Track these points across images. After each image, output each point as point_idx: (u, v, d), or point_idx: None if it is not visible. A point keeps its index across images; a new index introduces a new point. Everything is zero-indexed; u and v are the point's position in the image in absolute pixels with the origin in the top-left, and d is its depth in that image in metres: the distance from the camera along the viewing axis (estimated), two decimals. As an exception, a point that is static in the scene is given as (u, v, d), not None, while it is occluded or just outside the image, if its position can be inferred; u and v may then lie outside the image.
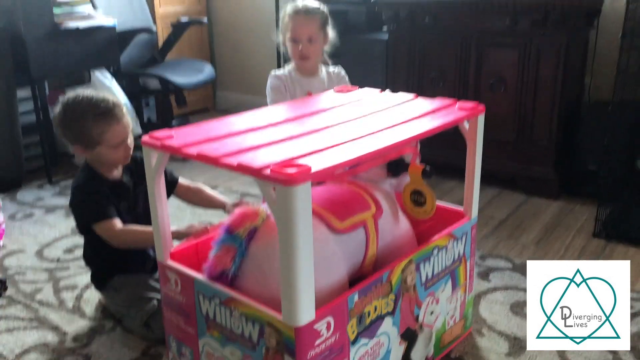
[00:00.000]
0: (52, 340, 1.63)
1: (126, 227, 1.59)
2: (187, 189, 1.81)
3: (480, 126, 1.43)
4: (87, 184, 1.64)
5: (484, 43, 2.57)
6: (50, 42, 2.76)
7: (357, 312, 1.17)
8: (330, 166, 1.06)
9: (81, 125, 1.60)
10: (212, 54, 4.20)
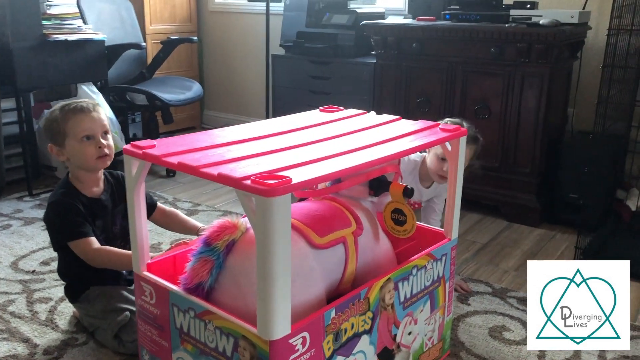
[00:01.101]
0: (22, 352, 1.59)
1: (103, 248, 1.58)
2: (163, 214, 1.81)
3: (462, 148, 1.44)
4: (64, 200, 1.62)
5: (470, 70, 2.61)
6: (38, 54, 2.75)
7: (333, 329, 1.16)
8: (311, 178, 1.06)
9: (52, 119, 1.63)
10: (201, 73, 4.22)
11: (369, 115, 1.60)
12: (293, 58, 3.31)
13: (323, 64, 3.17)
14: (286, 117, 1.53)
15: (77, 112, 1.62)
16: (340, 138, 1.34)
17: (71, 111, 1.62)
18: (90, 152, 1.62)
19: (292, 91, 3.33)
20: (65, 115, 1.62)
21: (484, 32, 2.49)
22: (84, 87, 2.99)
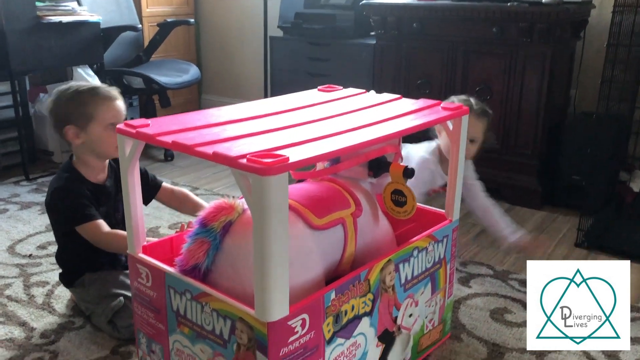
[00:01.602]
0: (19, 335, 1.57)
1: (114, 231, 1.55)
2: (171, 194, 1.78)
3: (464, 127, 1.42)
4: (70, 185, 1.59)
5: (471, 50, 2.56)
6: (32, 36, 2.71)
7: (333, 311, 1.14)
8: (308, 157, 1.03)
9: (77, 100, 1.58)
10: (198, 56, 4.17)
11: (368, 94, 1.56)
12: (291, 40, 3.26)
13: (322, 45, 3.12)
14: (284, 97, 1.50)
15: (108, 99, 1.60)
16: (339, 117, 1.31)
17: (102, 96, 1.59)
18: (112, 140, 1.55)
19: (290, 73, 3.28)
20: (95, 97, 1.58)
21: (485, 11, 2.44)
22: (79, 70, 2.95)
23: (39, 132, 3.10)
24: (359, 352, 1.25)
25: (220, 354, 1.12)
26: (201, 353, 1.16)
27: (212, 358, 1.14)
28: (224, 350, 1.11)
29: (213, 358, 1.14)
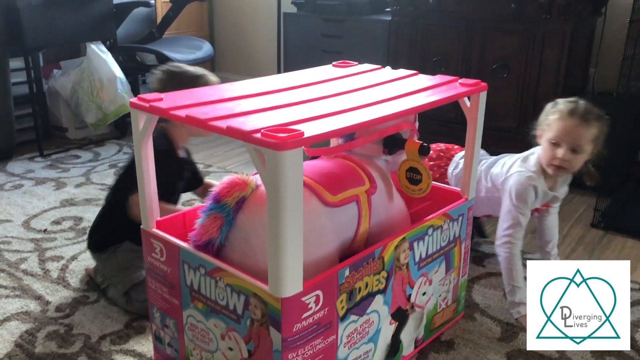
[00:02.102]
0: (34, 309, 1.59)
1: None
2: (205, 189, 1.78)
3: (482, 104, 1.39)
4: (173, 157, 1.63)
5: (489, 27, 2.51)
6: (45, 12, 2.70)
7: (347, 288, 1.13)
8: (323, 132, 1.01)
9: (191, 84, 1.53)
10: (211, 33, 4.15)
11: (384, 70, 1.54)
12: (305, 16, 3.22)
13: (336, 21, 3.08)
14: (298, 72, 1.48)
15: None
16: (354, 93, 1.29)
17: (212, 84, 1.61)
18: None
19: (304, 50, 3.25)
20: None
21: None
22: (92, 46, 2.93)
23: (53, 109, 3.11)
24: (372, 329, 1.24)
25: (234, 329, 1.12)
26: (215, 328, 1.17)
27: (226, 333, 1.14)
28: (237, 325, 1.11)
29: (226, 333, 1.14)
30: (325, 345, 1.12)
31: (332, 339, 1.13)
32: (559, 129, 1.54)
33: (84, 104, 2.96)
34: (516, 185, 1.58)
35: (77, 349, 1.42)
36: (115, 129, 3.19)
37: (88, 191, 2.41)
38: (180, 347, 1.27)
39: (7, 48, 2.66)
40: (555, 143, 1.54)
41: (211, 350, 1.19)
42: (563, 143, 1.53)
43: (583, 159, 1.57)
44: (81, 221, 2.13)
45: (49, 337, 1.47)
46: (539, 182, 1.59)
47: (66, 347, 1.43)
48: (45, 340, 1.46)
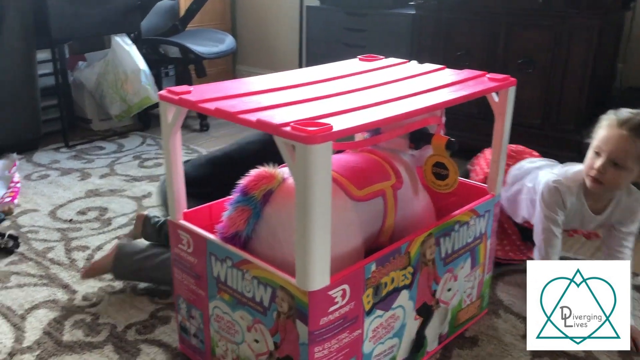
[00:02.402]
0: (62, 297, 1.61)
1: None
2: None
3: (511, 99, 1.37)
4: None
5: (514, 22, 2.48)
6: (72, 4, 2.73)
7: (373, 282, 1.13)
8: (352, 127, 1.01)
9: None
10: (233, 26, 4.15)
11: (410, 64, 1.53)
12: (328, 9, 3.21)
13: (359, 15, 3.06)
14: (324, 66, 1.48)
15: None
16: (381, 87, 1.29)
17: None
18: None
19: (326, 44, 3.24)
20: None
21: (531, -19, 2.35)
22: (117, 38, 2.96)
23: (78, 100, 3.14)
24: (397, 324, 1.24)
25: (260, 321, 1.13)
26: (241, 320, 1.17)
27: (252, 325, 1.15)
28: (263, 317, 1.12)
29: (252, 325, 1.15)
30: (351, 339, 1.12)
31: (357, 333, 1.13)
32: (603, 137, 1.41)
33: (108, 96, 2.99)
34: (542, 190, 1.50)
35: (104, 338, 1.45)
36: (138, 121, 3.22)
37: (112, 182, 2.44)
38: (206, 338, 1.28)
39: (34, 40, 2.69)
40: (597, 152, 1.42)
41: (237, 342, 1.20)
42: (603, 153, 1.40)
43: (625, 178, 1.40)
44: (106, 212, 2.16)
45: (76, 325, 1.49)
46: (568, 191, 1.46)
47: (93, 336, 1.45)
48: (72, 329, 1.48)
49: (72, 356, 1.38)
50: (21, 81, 2.66)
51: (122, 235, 1.86)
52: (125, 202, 2.24)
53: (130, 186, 2.40)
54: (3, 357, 1.38)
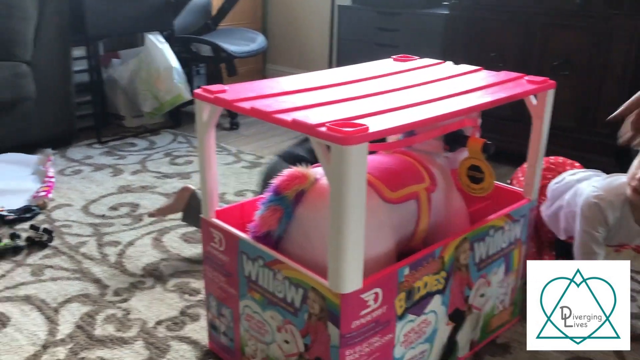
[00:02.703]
0: (94, 292, 1.63)
1: None
2: None
3: (549, 102, 1.34)
4: None
5: (550, 23, 2.44)
6: (108, 2, 2.77)
7: (406, 287, 1.12)
8: (388, 128, 1.00)
9: None
10: (264, 25, 4.16)
11: (446, 65, 1.51)
12: (360, 9, 3.20)
13: (391, 14, 3.04)
14: (358, 66, 1.46)
15: None
16: (417, 87, 1.27)
17: None
18: None
19: (357, 44, 3.23)
20: None
21: (569, -20, 2.31)
22: (150, 36, 2.99)
23: (111, 97, 3.19)
24: (429, 329, 1.22)
25: (291, 322, 1.12)
26: (271, 320, 1.17)
27: (282, 325, 1.15)
28: (294, 318, 1.11)
29: (283, 325, 1.14)
30: (383, 343, 1.10)
31: (389, 337, 1.12)
32: None
33: (140, 93, 3.03)
34: (582, 205, 1.41)
35: (134, 334, 1.46)
36: (170, 118, 3.25)
37: (144, 178, 2.47)
38: (236, 337, 1.28)
39: (70, 37, 2.73)
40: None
41: (267, 342, 1.20)
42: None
43: None
44: (137, 207, 2.18)
45: (108, 320, 1.51)
46: (610, 206, 1.37)
47: (124, 331, 1.47)
48: (104, 323, 1.50)
49: (103, 351, 1.40)
50: (57, 77, 2.71)
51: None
52: (156, 199, 2.26)
53: (161, 183, 2.42)
54: (37, 349, 1.40)
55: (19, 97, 2.53)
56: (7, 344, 1.42)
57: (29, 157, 2.54)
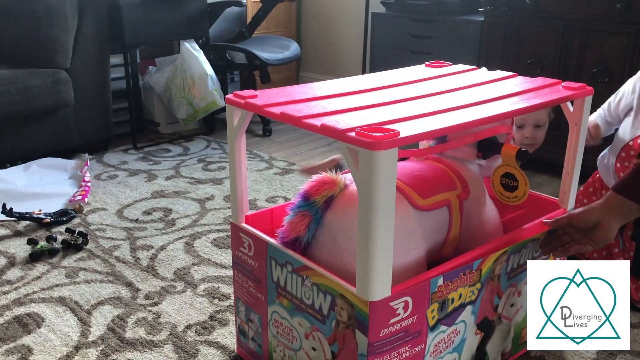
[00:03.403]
0: (126, 295, 1.65)
1: None
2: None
3: (587, 109, 1.31)
4: None
5: (589, 29, 2.38)
6: (144, 10, 2.83)
7: (439, 297, 1.09)
8: (419, 133, 0.98)
9: None
10: (298, 33, 4.19)
11: (480, 71, 1.48)
12: (394, 16, 3.18)
13: (426, 22, 3.02)
14: (390, 72, 1.45)
15: None
16: (449, 93, 1.25)
17: None
18: None
19: (390, 51, 3.21)
20: None
21: (609, -14, 2.25)
22: (186, 44, 3.04)
23: (147, 104, 3.25)
24: (457, 339, 1.20)
25: (319, 329, 1.11)
26: (299, 326, 1.16)
27: (310, 332, 1.14)
28: (322, 325, 1.10)
29: (310, 332, 1.14)
30: (413, 353, 1.08)
31: (420, 348, 1.09)
32: None
33: (175, 100, 3.08)
34: None
35: (164, 337, 1.47)
36: (204, 125, 3.29)
37: (177, 184, 2.50)
38: (264, 343, 1.28)
39: (109, 45, 2.80)
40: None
41: (294, 349, 1.19)
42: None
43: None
44: (170, 212, 2.21)
45: (138, 323, 1.53)
46: None
47: (154, 334, 1.48)
48: (134, 326, 1.51)
49: (133, 353, 1.41)
50: (95, 84, 2.78)
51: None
52: (189, 204, 2.28)
53: (194, 188, 2.45)
54: (69, 350, 1.42)
55: (59, 103, 2.60)
56: (41, 344, 1.44)
57: (67, 162, 2.61)
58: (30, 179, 2.44)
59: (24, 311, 1.58)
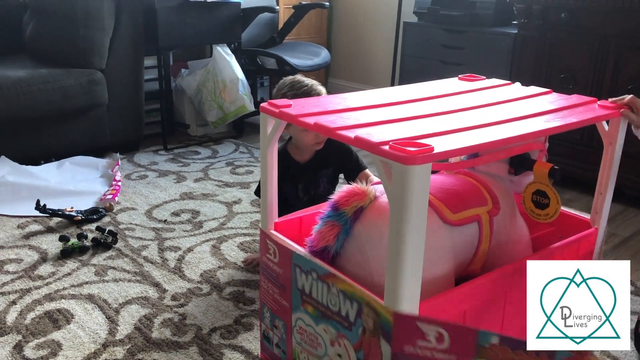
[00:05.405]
0: (153, 295, 1.68)
1: None
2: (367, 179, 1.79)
3: (623, 128, 1.29)
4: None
5: (625, 45, 2.34)
6: (179, 14, 2.87)
7: (489, 356, 1.06)
8: (453, 149, 0.98)
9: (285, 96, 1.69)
10: (329, 40, 4.21)
11: (514, 86, 1.47)
12: (426, 26, 3.18)
13: (458, 32, 3.01)
14: (423, 84, 1.45)
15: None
16: (484, 108, 1.25)
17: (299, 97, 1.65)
18: (308, 139, 1.72)
19: (421, 60, 3.21)
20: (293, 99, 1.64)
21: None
22: (218, 48, 3.08)
23: (178, 106, 3.29)
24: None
25: (345, 336, 1.12)
26: (324, 333, 1.17)
27: (336, 339, 1.14)
28: (348, 332, 1.11)
29: (336, 339, 1.14)
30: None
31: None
32: None
33: (206, 103, 3.12)
34: None
35: (189, 339, 1.49)
36: (233, 128, 3.33)
37: (205, 186, 2.53)
38: (288, 349, 1.29)
39: (143, 47, 2.85)
40: None
41: (319, 355, 1.20)
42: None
43: None
44: (198, 214, 2.23)
45: (165, 324, 1.55)
46: None
47: (179, 336, 1.50)
48: (160, 327, 1.54)
49: (159, 354, 1.43)
50: (129, 85, 2.83)
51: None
52: (217, 207, 2.31)
53: (221, 191, 2.47)
54: (98, 347, 1.45)
55: (93, 103, 2.66)
56: (70, 340, 1.48)
57: (98, 161, 2.66)
58: (63, 176, 2.50)
59: (54, 307, 1.61)
